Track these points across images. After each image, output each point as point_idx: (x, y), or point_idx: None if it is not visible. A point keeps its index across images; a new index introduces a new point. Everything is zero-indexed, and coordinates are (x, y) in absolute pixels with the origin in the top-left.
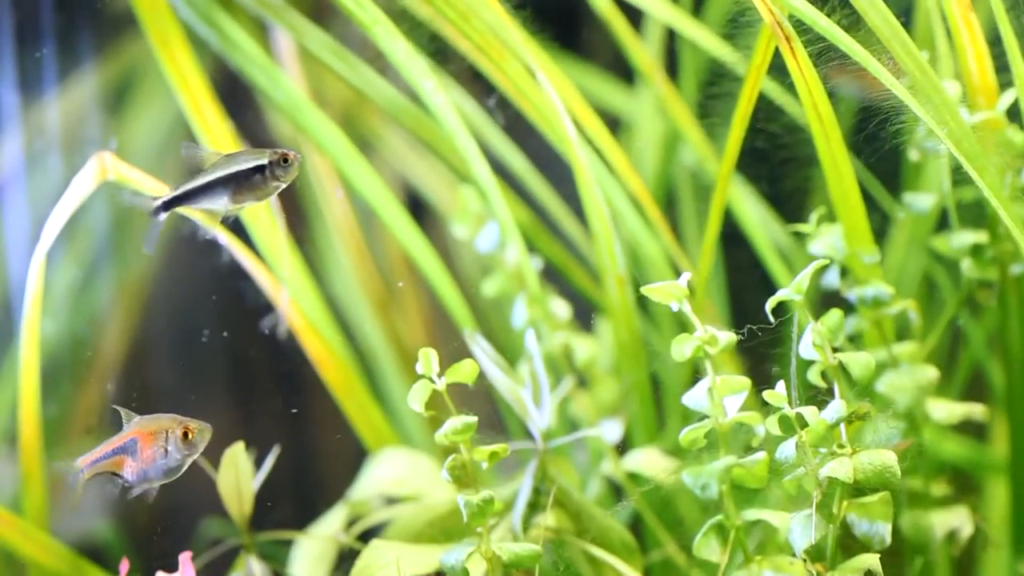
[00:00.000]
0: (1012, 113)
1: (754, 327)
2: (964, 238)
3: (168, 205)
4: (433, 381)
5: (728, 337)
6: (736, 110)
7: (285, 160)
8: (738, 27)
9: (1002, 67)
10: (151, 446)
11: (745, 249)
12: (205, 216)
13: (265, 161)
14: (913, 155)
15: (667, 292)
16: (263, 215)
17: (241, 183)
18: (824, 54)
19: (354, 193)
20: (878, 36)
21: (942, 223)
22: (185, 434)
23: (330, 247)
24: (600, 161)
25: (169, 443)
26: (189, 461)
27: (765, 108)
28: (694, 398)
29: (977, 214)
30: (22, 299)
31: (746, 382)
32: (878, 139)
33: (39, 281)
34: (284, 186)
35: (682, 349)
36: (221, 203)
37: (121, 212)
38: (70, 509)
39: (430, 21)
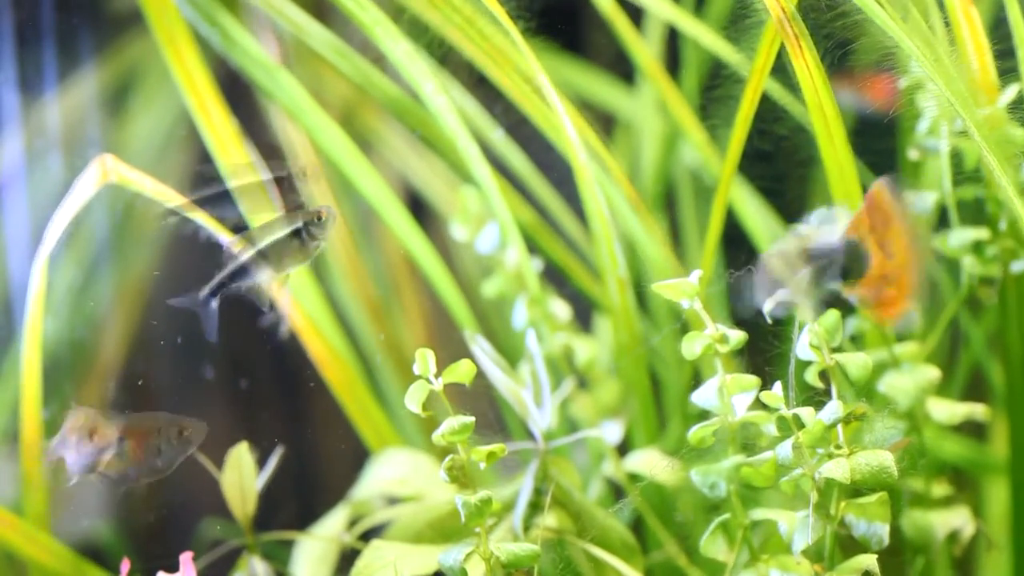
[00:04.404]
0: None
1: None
2: (965, 235)
3: (215, 291)
4: (430, 382)
5: (738, 336)
6: (739, 111)
7: (319, 218)
8: (740, 30)
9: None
10: (142, 445)
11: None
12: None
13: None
14: (912, 154)
15: (678, 289)
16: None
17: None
18: (828, 55)
19: (355, 193)
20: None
21: (941, 223)
22: (180, 432)
23: (332, 247)
24: (598, 164)
25: (163, 442)
26: (181, 459)
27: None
28: (703, 396)
29: (976, 213)
30: (22, 299)
31: (756, 380)
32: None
33: (41, 282)
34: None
35: (692, 347)
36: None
37: (121, 213)
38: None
39: (434, 24)
